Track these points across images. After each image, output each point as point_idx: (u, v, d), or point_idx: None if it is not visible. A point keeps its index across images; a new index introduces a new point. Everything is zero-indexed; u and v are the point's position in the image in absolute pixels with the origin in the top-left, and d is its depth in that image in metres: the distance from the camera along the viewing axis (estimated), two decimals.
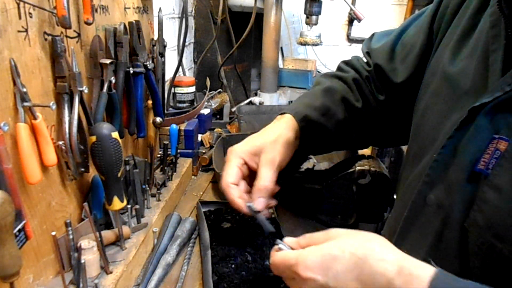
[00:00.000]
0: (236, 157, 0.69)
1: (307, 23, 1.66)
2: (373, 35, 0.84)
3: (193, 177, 1.19)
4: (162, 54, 1.00)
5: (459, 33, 0.55)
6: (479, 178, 0.44)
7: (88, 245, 0.66)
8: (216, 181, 1.15)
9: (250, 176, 0.70)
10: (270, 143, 0.69)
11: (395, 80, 0.72)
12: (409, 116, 0.67)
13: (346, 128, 0.77)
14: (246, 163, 0.69)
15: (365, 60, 0.82)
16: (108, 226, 0.76)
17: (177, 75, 1.42)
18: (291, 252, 0.49)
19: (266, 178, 0.66)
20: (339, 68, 0.85)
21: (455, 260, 0.46)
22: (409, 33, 0.73)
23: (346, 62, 0.85)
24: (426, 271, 0.39)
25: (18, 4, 0.53)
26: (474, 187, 0.45)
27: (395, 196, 0.91)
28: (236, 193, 0.66)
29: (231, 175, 0.67)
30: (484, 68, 0.47)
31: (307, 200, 0.99)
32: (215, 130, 1.49)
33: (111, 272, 0.67)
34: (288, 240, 0.52)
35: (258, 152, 0.69)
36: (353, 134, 0.80)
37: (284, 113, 0.76)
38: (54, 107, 0.59)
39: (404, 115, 0.71)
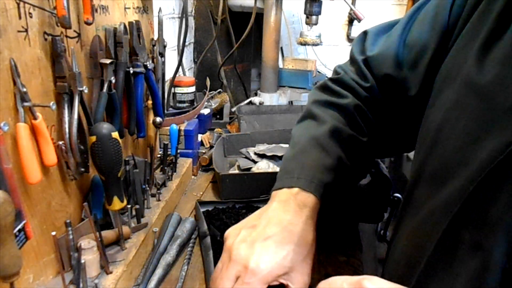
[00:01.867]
0: (261, 283, 0.51)
1: (307, 23, 1.66)
2: (365, 34, 0.71)
3: (193, 177, 1.19)
4: (162, 54, 1.00)
5: (485, 34, 0.45)
6: None
7: (88, 245, 0.66)
8: (216, 181, 1.15)
9: None
10: (302, 258, 0.55)
11: (408, 92, 0.61)
12: (417, 124, 0.59)
13: (354, 170, 0.68)
14: None
15: (359, 70, 0.69)
16: (108, 226, 0.76)
17: (177, 75, 1.42)
18: None
19: None
20: (330, 90, 0.71)
21: None
22: (413, 31, 0.62)
23: (336, 81, 0.71)
24: None
25: (18, 4, 0.53)
26: None
27: (398, 196, 0.90)
28: None
29: None
30: None
31: None
32: (215, 130, 1.49)
33: (111, 272, 0.67)
34: None
35: (287, 269, 0.54)
36: (360, 170, 0.72)
37: (296, 185, 0.61)
38: (54, 107, 0.59)
39: (412, 124, 0.61)
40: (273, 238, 0.55)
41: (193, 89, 1.45)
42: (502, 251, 0.39)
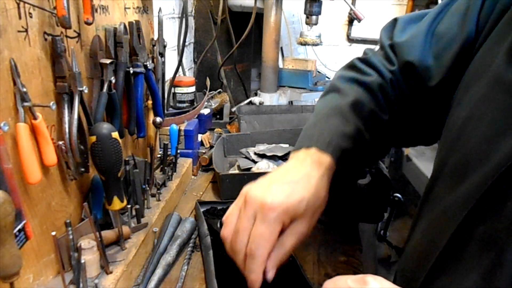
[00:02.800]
0: (278, 218, 0.52)
1: (307, 23, 1.66)
2: (395, 21, 0.71)
3: (193, 177, 1.19)
4: (162, 54, 1.00)
5: None
6: None
7: (88, 245, 0.66)
8: (216, 181, 1.15)
9: None
10: (314, 208, 0.56)
11: (428, 82, 0.61)
12: (437, 117, 0.59)
13: (372, 146, 0.67)
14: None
15: (385, 54, 0.70)
16: (108, 226, 0.76)
17: (177, 75, 1.42)
18: None
19: (284, 250, 0.55)
20: (356, 68, 0.72)
21: None
22: (444, 23, 0.62)
23: (363, 61, 0.72)
24: None
25: (18, 4, 0.53)
26: None
27: (398, 196, 0.90)
28: (262, 266, 0.53)
29: (268, 243, 0.52)
30: None
31: None
32: (215, 130, 1.49)
33: (111, 272, 0.67)
34: None
35: (300, 213, 0.54)
36: (378, 148, 0.70)
37: (311, 145, 0.62)
38: (54, 107, 0.59)
39: (432, 117, 0.62)
40: (290, 183, 0.55)
41: (193, 89, 1.45)
42: None
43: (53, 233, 0.58)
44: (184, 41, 1.56)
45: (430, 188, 0.56)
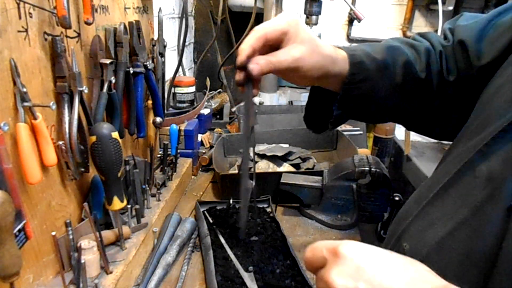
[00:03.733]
0: (284, 24, 0.57)
1: (307, 23, 1.65)
2: (461, 15, 0.74)
3: (193, 177, 1.19)
4: (162, 54, 1.00)
5: None
6: None
7: (88, 245, 0.66)
8: (216, 181, 1.15)
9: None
10: (298, 32, 0.59)
11: (475, 62, 0.63)
12: (470, 111, 0.60)
13: (399, 96, 0.68)
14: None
15: (444, 34, 0.73)
16: (108, 226, 0.76)
17: (177, 75, 1.42)
18: None
19: (282, 59, 0.57)
20: (412, 38, 0.75)
21: (490, 238, 0.43)
22: (507, 16, 0.64)
23: (421, 34, 0.75)
24: None
25: (18, 4, 0.53)
26: None
27: (398, 196, 0.90)
28: (257, 44, 0.56)
29: (270, 31, 0.57)
30: None
31: (307, 199, 0.99)
32: (215, 130, 1.49)
33: (111, 272, 0.67)
34: None
35: (292, 34, 0.58)
36: (405, 106, 0.70)
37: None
38: (54, 107, 0.59)
39: (466, 108, 0.63)
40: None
41: (193, 89, 1.45)
42: (511, 187, 0.42)
43: (53, 233, 0.58)
44: (184, 41, 1.56)
45: (449, 151, 0.59)
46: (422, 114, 0.72)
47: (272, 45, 0.58)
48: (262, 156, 1.17)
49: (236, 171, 1.15)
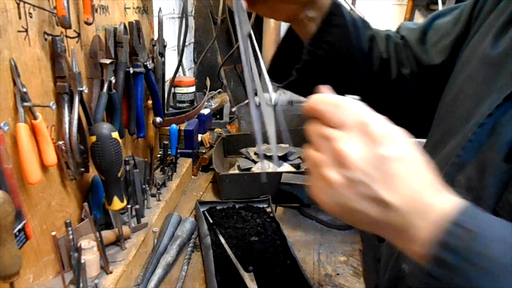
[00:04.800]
0: None
1: None
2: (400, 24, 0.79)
3: (193, 177, 1.19)
4: (162, 54, 1.00)
5: (504, 19, 0.52)
6: None
7: (88, 245, 0.66)
8: (216, 181, 1.15)
9: None
10: None
11: (425, 60, 0.67)
12: (426, 109, 0.63)
13: (365, 67, 0.68)
14: None
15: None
16: (108, 226, 0.76)
17: (177, 75, 1.42)
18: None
19: None
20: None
21: None
22: (444, 20, 0.69)
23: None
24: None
25: (18, 4, 0.53)
26: (511, 168, 0.42)
27: None
28: None
29: None
30: None
31: (307, 199, 0.99)
32: (215, 130, 1.49)
33: (111, 272, 0.67)
34: None
35: None
36: (369, 84, 0.69)
37: None
38: (54, 107, 0.58)
39: (421, 106, 0.66)
40: None
41: (193, 89, 1.45)
42: (492, 192, 0.43)
43: (53, 233, 0.58)
44: (184, 41, 1.56)
45: None
46: (383, 104, 0.72)
47: None
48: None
49: (236, 171, 1.15)
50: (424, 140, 0.67)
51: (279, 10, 0.62)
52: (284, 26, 2.02)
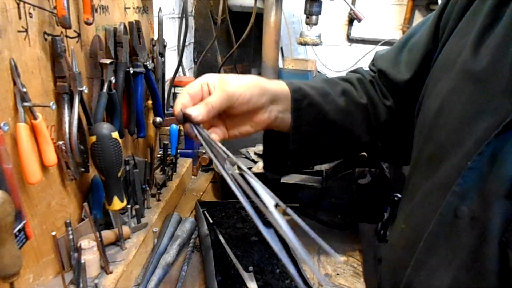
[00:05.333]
0: (203, 78, 0.60)
1: (307, 23, 1.66)
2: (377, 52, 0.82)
3: (193, 177, 1.19)
4: (162, 54, 1.00)
5: (479, 28, 0.50)
6: None
7: (88, 245, 0.66)
8: (216, 181, 1.15)
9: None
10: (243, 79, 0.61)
11: (397, 79, 0.69)
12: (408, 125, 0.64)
13: (349, 119, 0.70)
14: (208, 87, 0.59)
15: (369, 67, 0.80)
16: (108, 226, 0.76)
17: (177, 75, 1.42)
18: None
19: (215, 98, 0.57)
20: (348, 74, 0.81)
21: (493, 277, 0.43)
22: (415, 38, 0.70)
23: (351, 71, 0.82)
24: None
25: (18, 4, 0.53)
26: None
27: (398, 196, 0.90)
28: (184, 100, 0.57)
29: (191, 88, 0.58)
30: None
31: (307, 199, 0.99)
32: None
33: (111, 272, 0.67)
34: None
35: (216, 82, 0.59)
36: (357, 130, 0.71)
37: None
38: (54, 107, 0.59)
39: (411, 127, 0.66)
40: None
41: None
42: (498, 223, 0.42)
43: (53, 233, 0.58)
44: (184, 41, 1.55)
45: (408, 180, 0.60)
46: (374, 141, 0.75)
47: (202, 98, 0.58)
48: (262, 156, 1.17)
49: (237, 171, 1.14)
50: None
51: (251, 124, 0.63)
52: (284, 26, 2.02)
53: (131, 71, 0.82)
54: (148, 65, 0.89)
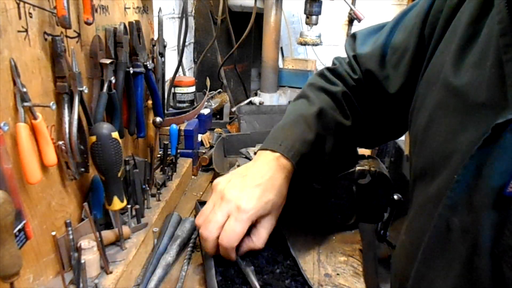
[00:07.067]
0: (249, 219, 0.67)
1: (307, 23, 1.66)
2: (354, 37, 0.81)
3: (193, 177, 1.19)
4: (162, 54, 1.00)
5: (458, 42, 0.51)
6: (509, 203, 0.40)
7: (88, 245, 0.66)
8: None
9: None
10: (278, 206, 0.72)
11: (389, 89, 0.70)
12: (400, 116, 0.66)
13: (338, 152, 0.79)
14: None
15: (350, 64, 0.80)
16: (108, 226, 0.76)
17: (177, 75, 1.42)
18: None
19: (262, 240, 0.70)
20: (325, 77, 0.83)
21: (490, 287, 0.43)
22: (398, 36, 0.70)
23: (331, 70, 0.82)
24: None
25: (18, 4, 0.53)
26: (503, 212, 0.41)
27: (398, 196, 0.91)
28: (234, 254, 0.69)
29: (239, 237, 0.67)
30: (499, 79, 0.43)
31: (307, 200, 0.99)
32: (215, 130, 1.49)
33: (111, 272, 0.67)
34: None
35: (266, 212, 0.70)
36: (343, 150, 0.80)
37: (273, 149, 0.75)
38: (54, 107, 0.59)
39: (395, 118, 0.70)
40: (259, 186, 0.69)
41: (193, 89, 1.45)
42: (488, 235, 0.42)
43: (53, 233, 0.58)
44: (184, 41, 1.55)
45: (411, 192, 0.61)
46: (371, 137, 0.83)
47: None
48: None
49: None
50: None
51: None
52: (284, 26, 2.02)
53: (131, 71, 0.82)
54: (148, 65, 0.89)
